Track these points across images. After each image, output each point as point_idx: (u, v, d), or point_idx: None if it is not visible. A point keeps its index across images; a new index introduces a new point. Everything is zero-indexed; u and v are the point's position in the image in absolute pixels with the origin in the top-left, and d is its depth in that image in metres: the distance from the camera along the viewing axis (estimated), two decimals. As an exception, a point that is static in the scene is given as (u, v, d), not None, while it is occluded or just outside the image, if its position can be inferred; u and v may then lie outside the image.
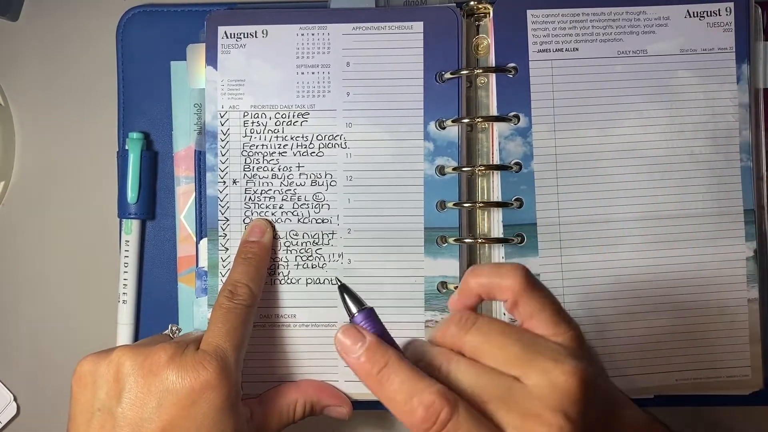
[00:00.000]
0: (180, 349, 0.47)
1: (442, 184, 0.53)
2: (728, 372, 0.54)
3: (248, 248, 0.52)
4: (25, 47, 0.61)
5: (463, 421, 0.37)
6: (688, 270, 0.54)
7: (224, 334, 0.48)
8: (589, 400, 0.38)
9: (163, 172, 0.58)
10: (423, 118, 0.53)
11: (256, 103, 0.54)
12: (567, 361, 0.38)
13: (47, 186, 0.60)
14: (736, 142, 0.54)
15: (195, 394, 0.45)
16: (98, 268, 0.60)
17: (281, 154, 0.54)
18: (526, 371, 0.38)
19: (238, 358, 0.48)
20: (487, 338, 0.39)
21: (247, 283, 0.50)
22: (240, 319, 0.49)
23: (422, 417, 0.37)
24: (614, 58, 0.54)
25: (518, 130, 0.53)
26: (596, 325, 0.53)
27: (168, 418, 0.44)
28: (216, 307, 0.49)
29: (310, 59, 0.54)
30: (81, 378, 0.47)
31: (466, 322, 0.40)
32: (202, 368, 0.45)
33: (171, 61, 0.58)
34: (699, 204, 0.54)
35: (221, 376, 0.46)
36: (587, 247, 0.54)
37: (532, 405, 0.37)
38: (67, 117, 0.60)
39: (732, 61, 0.54)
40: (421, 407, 0.37)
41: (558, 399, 0.37)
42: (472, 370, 0.39)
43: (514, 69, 0.54)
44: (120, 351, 0.46)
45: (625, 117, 0.54)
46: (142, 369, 0.45)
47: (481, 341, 0.39)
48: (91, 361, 0.47)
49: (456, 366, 0.39)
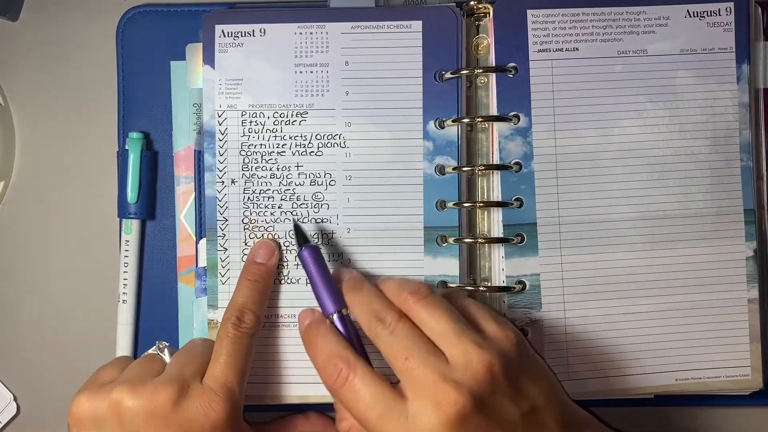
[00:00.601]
0: (183, 389, 0.46)
1: (442, 184, 0.53)
2: (728, 372, 0.54)
3: (255, 270, 0.52)
4: (25, 47, 0.61)
5: (359, 380, 0.45)
6: (687, 270, 0.54)
7: (230, 368, 0.48)
8: (501, 391, 0.44)
9: (162, 172, 0.58)
10: (422, 118, 0.53)
11: (255, 103, 0.54)
12: (489, 349, 0.45)
13: (47, 186, 0.60)
14: (736, 141, 0.54)
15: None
16: (98, 268, 0.59)
17: (280, 153, 0.54)
18: (451, 349, 0.45)
19: (241, 393, 0.49)
20: (431, 313, 0.46)
21: (253, 309, 0.50)
22: (245, 350, 0.49)
23: (329, 373, 0.46)
24: (614, 58, 0.54)
25: (518, 129, 0.53)
26: (595, 324, 0.53)
27: None
28: (222, 334, 0.49)
29: (309, 58, 0.54)
30: (80, 421, 0.47)
31: (419, 293, 0.47)
32: (210, 410, 0.46)
33: (171, 61, 0.57)
34: (699, 204, 0.54)
35: (230, 416, 0.47)
36: (587, 247, 0.53)
37: (443, 374, 0.43)
38: (67, 117, 0.60)
39: (732, 61, 0.54)
40: (329, 366, 0.46)
41: (467, 378, 0.43)
42: (411, 334, 0.46)
43: (514, 69, 0.54)
44: (119, 391, 0.46)
45: (625, 117, 0.54)
46: (147, 414, 0.45)
47: (425, 313, 0.46)
48: (88, 400, 0.47)
49: (401, 327, 0.46)
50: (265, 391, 0.54)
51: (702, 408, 0.58)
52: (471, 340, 0.45)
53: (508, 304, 0.53)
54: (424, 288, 0.48)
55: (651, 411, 0.57)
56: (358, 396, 0.45)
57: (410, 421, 0.43)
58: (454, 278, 0.53)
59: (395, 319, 0.46)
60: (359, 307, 0.48)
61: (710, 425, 0.58)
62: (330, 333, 0.48)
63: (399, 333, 0.46)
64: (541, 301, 0.53)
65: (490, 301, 0.54)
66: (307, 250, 0.51)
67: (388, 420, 0.44)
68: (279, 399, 0.54)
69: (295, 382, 0.54)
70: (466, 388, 0.43)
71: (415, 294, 0.47)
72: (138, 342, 0.58)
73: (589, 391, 0.53)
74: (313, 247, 0.51)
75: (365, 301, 0.48)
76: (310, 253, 0.50)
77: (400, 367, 0.45)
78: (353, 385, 0.45)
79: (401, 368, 0.45)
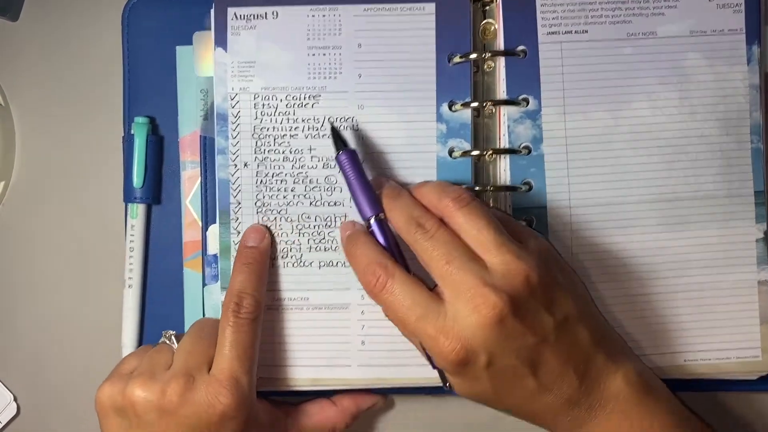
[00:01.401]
0: (189, 382, 0.48)
1: (455, 167, 0.53)
2: (738, 354, 0.54)
3: (248, 253, 0.52)
4: (25, 47, 0.60)
5: (397, 285, 0.46)
6: (698, 251, 0.54)
7: (235, 357, 0.49)
8: (537, 300, 0.45)
9: (168, 158, 0.58)
10: (435, 100, 0.53)
11: (267, 86, 0.54)
12: (528, 260, 0.46)
13: (47, 186, 0.60)
14: (746, 123, 0.54)
15: (214, 426, 0.47)
16: (99, 268, 0.59)
17: (292, 136, 0.54)
18: (491, 257, 0.46)
19: (251, 380, 0.49)
20: (473, 221, 0.46)
21: (252, 293, 0.50)
22: (249, 336, 0.49)
23: (369, 279, 0.47)
24: (624, 40, 0.54)
25: (527, 113, 0.53)
26: (606, 306, 0.53)
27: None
28: (224, 324, 0.50)
29: (321, 41, 0.54)
30: (103, 408, 0.49)
31: (461, 201, 0.47)
32: (217, 402, 0.47)
33: (177, 46, 0.57)
34: (709, 186, 0.54)
35: (237, 407, 0.47)
36: (597, 230, 0.54)
37: (483, 279, 0.45)
38: (67, 116, 0.60)
39: (742, 43, 0.54)
40: (368, 273, 0.47)
41: (506, 285, 0.45)
42: (450, 240, 0.46)
43: (523, 52, 0.54)
44: (132, 385, 0.48)
45: (635, 99, 0.54)
46: (158, 409, 0.47)
47: (466, 221, 0.47)
48: (108, 392, 0.49)
49: (441, 233, 0.47)
50: (276, 375, 0.54)
51: (710, 393, 0.58)
52: (510, 251, 0.46)
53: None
54: (466, 195, 0.48)
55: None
56: (397, 299, 0.46)
57: (448, 322, 0.45)
58: (466, 261, 0.53)
59: (434, 226, 0.47)
60: (398, 213, 0.49)
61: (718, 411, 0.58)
62: (368, 241, 0.49)
63: (438, 239, 0.46)
64: (552, 283, 0.53)
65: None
66: (344, 154, 0.51)
67: (427, 321, 0.45)
68: (290, 383, 0.54)
69: (307, 365, 0.54)
70: (505, 293, 0.44)
71: (457, 201, 0.47)
72: (144, 327, 0.58)
73: (601, 373, 0.53)
74: (351, 151, 0.51)
75: (404, 207, 0.48)
76: (348, 156, 0.50)
77: (439, 271, 0.46)
78: (392, 290, 0.46)
79: (441, 272, 0.46)
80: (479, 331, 0.44)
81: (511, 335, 0.45)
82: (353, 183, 0.50)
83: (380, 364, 0.54)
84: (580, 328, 0.47)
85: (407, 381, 0.54)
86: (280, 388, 0.54)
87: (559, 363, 0.46)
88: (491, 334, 0.44)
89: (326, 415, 0.54)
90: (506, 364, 0.45)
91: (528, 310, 0.45)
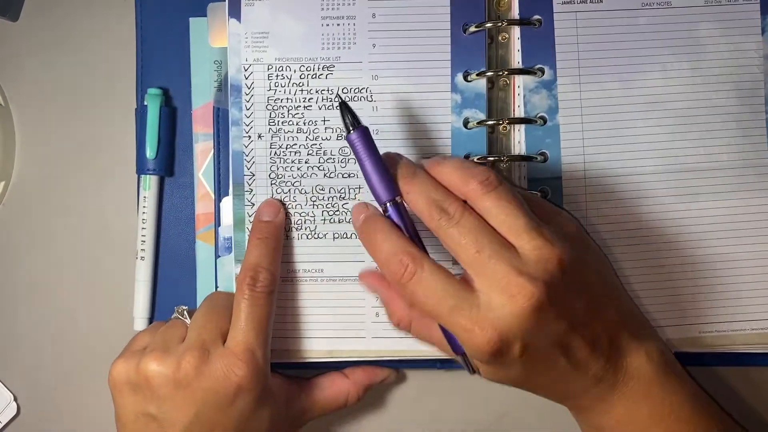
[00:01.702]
0: (204, 354, 0.48)
1: (470, 137, 0.53)
2: (753, 325, 0.54)
3: (263, 227, 0.52)
4: (25, 47, 0.60)
5: (427, 275, 0.44)
6: (713, 222, 0.54)
7: (251, 330, 0.49)
8: (570, 285, 0.44)
9: (180, 131, 0.58)
10: (450, 70, 0.53)
11: (281, 56, 0.53)
12: (559, 244, 0.44)
13: (47, 186, 0.60)
14: (761, 94, 0.54)
15: (229, 399, 0.47)
16: (99, 267, 0.59)
17: (306, 107, 0.53)
18: (523, 243, 0.44)
19: (266, 353, 0.49)
20: (502, 206, 0.44)
21: (267, 267, 0.50)
22: (265, 310, 0.49)
23: (395, 269, 0.44)
24: (638, 10, 0.54)
25: (543, 82, 0.53)
26: (621, 278, 0.53)
27: (208, 420, 0.47)
28: (239, 297, 0.49)
29: (335, 11, 0.53)
30: (117, 384, 0.49)
31: (489, 185, 0.45)
32: (233, 374, 0.47)
33: (190, 18, 0.57)
34: (724, 156, 0.54)
35: (252, 379, 0.48)
36: (612, 201, 0.53)
37: (517, 268, 0.43)
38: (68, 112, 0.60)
39: (757, 13, 0.54)
40: (394, 263, 0.44)
41: (541, 272, 0.43)
42: (478, 225, 0.44)
43: (538, 21, 0.53)
44: (146, 360, 0.48)
45: (649, 69, 0.54)
46: (173, 382, 0.47)
47: (494, 205, 0.44)
48: (122, 368, 0.49)
49: (467, 218, 0.44)
50: (291, 347, 0.54)
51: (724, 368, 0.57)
52: (542, 235, 0.44)
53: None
54: (494, 177, 0.45)
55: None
56: (428, 290, 0.44)
57: (482, 312, 0.43)
58: (480, 233, 0.53)
59: (459, 211, 0.45)
60: (417, 196, 0.46)
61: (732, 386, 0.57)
62: (389, 227, 0.46)
63: (465, 224, 0.44)
64: (567, 255, 0.53)
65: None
66: (356, 132, 0.47)
67: (461, 311, 0.43)
68: (305, 354, 0.54)
69: (321, 336, 0.54)
70: (540, 281, 0.43)
71: (485, 184, 0.45)
72: (156, 299, 0.58)
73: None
74: (363, 129, 0.47)
75: (423, 190, 0.46)
76: (360, 135, 0.47)
77: (469, 260, 0.44)
78: (422, 280, 0.44)
79: (471, 261, 0.44)
80: (516, 321, 0.43)
81: (547, 322, 0.43)
82: (366, 164, 0.47)
83: (393, 336, 0.54)
84: (608, 307, 0.47)
85: (420, 353, 0.54)
86: (295, 360, 0.54)
87: (588, 343, 0.45)
88: (528, 324, 0.43)
89: (339, 387, 0.54)
90: (540, 350, 0.44)
91: (561, 295, 0.44)
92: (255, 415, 0.49)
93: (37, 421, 0.60)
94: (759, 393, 0.57)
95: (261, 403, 0.49)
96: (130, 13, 0.58)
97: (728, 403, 0.52)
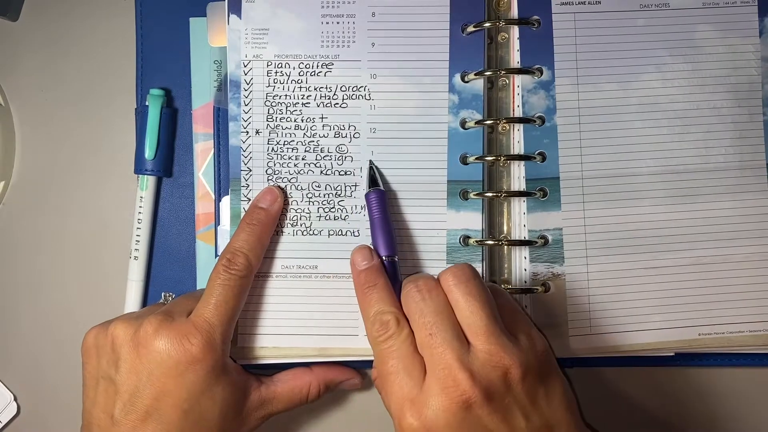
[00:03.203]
0: (167, 319, 0.48)
1: (466, 138, 0.53)
2: (751, 327, 0.54)
3: (256, 214, 0.52)
4: (25, 47, 0.60)
5: (402, 341, 0.46)
6: (710, 224, 0.54)
7: (215, 307, 0.49)
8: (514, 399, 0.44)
9: (180, 131, 0.58)
10: (448, 70, 0.53)
11: (280, 53, 0.54)
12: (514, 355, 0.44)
13: (47, 186, 0.60)
14: (758, 95, 0.54)
15: (182, 366, 0.47)
16: (99, 267, 0.59)
17: (305, 104, 0.54)
18: (478, 343, 0.45)
19: (225, 331, 0.49)
20: (469, 301, 0.45)
21: (247, 252, 0.51)
22: (233, 291, 0.50)
23: (377, 328, 0.47)
24: (637, 11, 0.54)
25: (541, 83, 0.53)
26: (618, 278, 0.53)
27: (160, 386, 0.47)
28: (213, 276, 0.50)
29: (335, 9, 0.54)
30: (87, 349, 0.50)
31: (462, 276, 0.46)
32: (187, 342, 0.47)
33: (190, 18, 0.57)
34: (721, 158, 0.54)
35: (205, 350, 0.48)
36: (610, 201, 0.53)
37: (461, 361, 0.44)
38: (68, 115, 0.60)
39: (754, 15, 0.54)
40: (378, 322, 0.47)
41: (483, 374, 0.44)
42: (441, 310, 0.46)
43: (537, 21, 0.54)
44: (115, 323, 0.49)
45: (647, 70, 0.54)
46: (132, 341, 0.48)
47: (463, 299, 0.46)
48: (94, 332, 0.50)
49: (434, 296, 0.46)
50: (284, 344, 0.53)
51: (722, 368, 0.57)
52: (498, 342, 0.44)
53: (531, 258, 0.53)
54: (468, 271, 0.47)
55: (671, 371, 0.57)
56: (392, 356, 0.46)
57: (422, 396, 0.44)
58: (477, 232, 0.53)
59: (431, 287, 0.47)
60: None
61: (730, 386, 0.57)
62: (387, 287, 0.49)
63: (429, 303, 0.46)
64: (563, 255, 0.53)
65: (511, 256, 0.54)
66: (374, 192, 0.52)
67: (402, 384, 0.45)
68: (298, 352, 0.53)
69: (314, 334, 0.54)
70: (478, 382, 0.43)
71: (458, 276, 0.47)
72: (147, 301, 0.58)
73: (611, 345, 0.53)
74: (381, 192, 0.52)
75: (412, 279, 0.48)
76: (377, 196, 0.51)
77: (422, 340, 0.46)
78: (392, 346, 0.46)
79: (422, 342, 0.46)
80: (442, 413, 0.43)
81: (476, 426, 0.44)
82: (376, 222, 0.51)
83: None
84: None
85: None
86: (288, 359, 0.54)
87: None
88: (453, 420, 0.43)
89: (301, 380, 0.53)
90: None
91: (501, 407, 0.44)
92: (208, 392, 0.48)
93: (37, 421, 0.60)
94: (760, 393, 0.57)
95: (214, 380, 0.48)
96: (130, 13, 0.58)
97: (728, 403, 0.51)
